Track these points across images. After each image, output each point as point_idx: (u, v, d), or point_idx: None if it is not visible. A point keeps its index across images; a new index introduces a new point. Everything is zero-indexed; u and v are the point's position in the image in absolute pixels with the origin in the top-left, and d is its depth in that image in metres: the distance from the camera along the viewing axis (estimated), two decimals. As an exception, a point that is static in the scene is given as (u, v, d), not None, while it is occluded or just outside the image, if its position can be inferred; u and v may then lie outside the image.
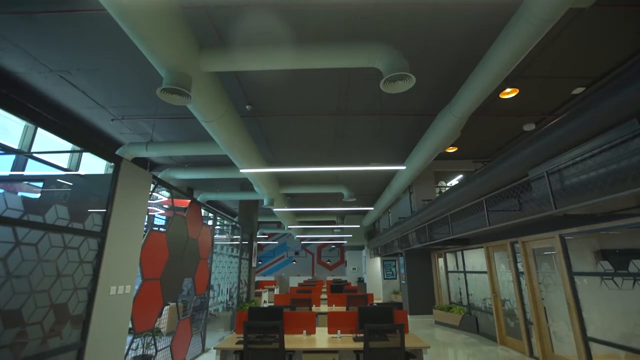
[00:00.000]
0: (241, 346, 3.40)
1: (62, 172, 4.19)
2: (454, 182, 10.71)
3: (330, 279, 17.89)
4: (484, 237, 6.90)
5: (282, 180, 9.92)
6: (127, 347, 3.84)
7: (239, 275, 9.04)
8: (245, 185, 10.37)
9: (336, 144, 7.84)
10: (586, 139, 2.80)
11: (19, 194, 4.73)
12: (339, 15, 3.92)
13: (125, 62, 4.82)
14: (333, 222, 17.13)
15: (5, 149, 5.18)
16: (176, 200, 7.79)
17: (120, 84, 5.41)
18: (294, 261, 19.84)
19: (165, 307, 6.31)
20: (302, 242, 19.97)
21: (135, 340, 4.44)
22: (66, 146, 6.22)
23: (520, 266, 5.97)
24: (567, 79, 5.48)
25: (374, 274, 16.48)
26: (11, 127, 5.63)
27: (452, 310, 8.31)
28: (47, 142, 6.14)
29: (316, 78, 5.29)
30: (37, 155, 5.61)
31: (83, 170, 6.78)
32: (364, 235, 16.77)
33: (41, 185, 4.12)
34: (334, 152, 8.33)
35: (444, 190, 10.17)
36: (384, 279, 15.41)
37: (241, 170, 5.52)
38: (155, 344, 4.46)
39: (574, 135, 2.89)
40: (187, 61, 3.36)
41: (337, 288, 8.85)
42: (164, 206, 8.33)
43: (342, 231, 16.39)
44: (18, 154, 5.16)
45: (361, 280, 17.84)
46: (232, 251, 8.80)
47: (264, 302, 12.44)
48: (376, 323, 3.90)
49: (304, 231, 16.77)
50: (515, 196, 4.29)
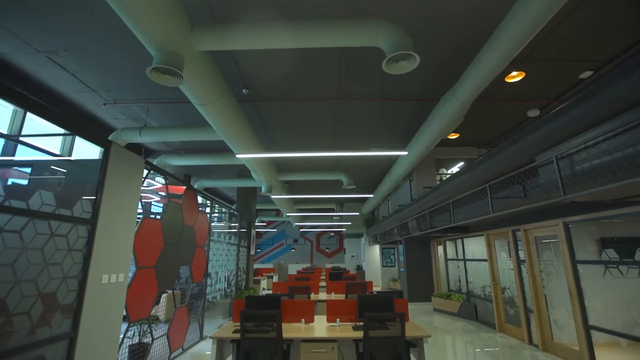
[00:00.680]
0: (238, 335, 3.32)
1: (50, 158, 4.03)
2: (455, 169, 10.59)
3: (329, 266, 17.94)
4: (485, 225, 6.81)
5: (281, 167, 9.78)
6: (122, 335, 3.77)
7: (237, 262, 8.99)
8: (243, 172, 10.22)
9: (335, 130, 7.66)
10: (600, 121, 2.65)
11: (10, 180, 4.59)
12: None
13: (115, 43, 4.60)
14: (332, 210, 17.07)
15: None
16: (172, 188, 7.64)
17: (111, 67, 5.19)
18: (292, 249, 19.86)
19: (163, 295, 6.28)
20: (300, 230, 19.96)
21: (131, 328, 4.40)
22: (56, 131, 6.03)
23: (521, 254, 5.90)
24: (575, 61, 5.28)
25: (372, 261, 16.52)
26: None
27: (451, 298, 8.30)
28: (37, 127, 5.95)
29: (315, 61, 5.09)
30: (26, 141, 5.43)
31: (77, 156, 6.61)
32: (363, 223, 16.74)
33: (29, 171, 3.96)
34: (333, 138, 8.16)
35: (444, 178, 10.05)
36: (383, 266, 15.45)
37: (237, 156, 5.36)
38: (151, 332, 4.40)
39: (587, 117, 2.74)
40: (177, 39, 3.17)
41: (336, 276, 8.81)
42: (160, 193, 8.19)
43: (341, 219, 16.34)
44: (2, 137, 4.98)
45: (360, 268, 17.91)
46: (230, 239, 8.72)
47: (263, 289, 12.47)
48: (376, 311, 3.82)
49: (303, 219, 16.71)
50: (520, 183, 4.17)
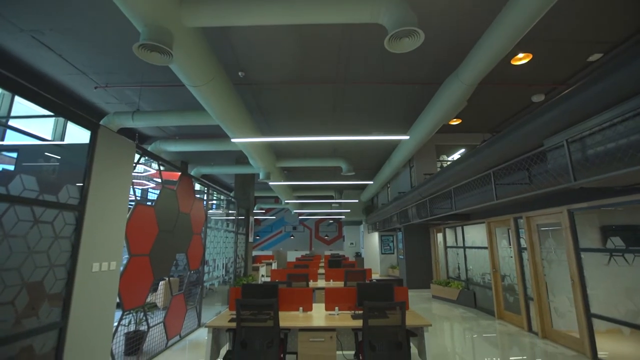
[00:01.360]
0: (234, 324, 3.23)
1: (37, 142, 3.86)
2: (456, 156, 10.43)
3: (328, 253, 17.97)
4: (486, 213, 6.71)
5: (279, 153, 9.61)
6: (116, 324, 3.69)
7: (236, 250, 8.92)
8: (240, 158, 10.05)
9: (335, 115, 7.46)
10: (618, 101, 2.49)
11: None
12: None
13: (103, 22, 4.37)
14: (331, 197, 16.97)
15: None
16: (168, 174, 7.47)
17: (101, 48, 4.97)
18: (291, 236, 19.88)
19: (161, 282, 6.21)
20: (299, 217, 19.93)
21: (127, 316, 4.32)
22: (43, 115, 5.83)
23: (522, 242, 5.82)
24: (584, 43, 5.07)
25: (371, 248, 16.53)
26: (-16, 94, 5.22)
27: (450, 285, 8.28)
28: (26, 111, 5.74)
29: (314, 43, 4.87)
30: (15, 126, 5.25)
31: (69, 141, 6.42)
32: (362, 211, 16.67)
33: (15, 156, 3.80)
34: (332, 124, 7.96)
35: (445, 165, 9.91)
36: (382, 253, 15.46)
37: (233, 140, 5.18)
38: (147, 320, 4.33)
39: (603, 97, 2.57)
40: (165, 13, 2.96)
41: (335, 263, 8.76)
42: (155, 179, 8.03)
43: (340, 206, 16.27)
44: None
45: (359, 255, 17.95)
46: (228, 226, 8.63)
47: (262, 276, 12.48)
48: (376, 300, 3.74)
49: (302, 206, 16.64)
50: (525, 169, 4.03)
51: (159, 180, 4.83)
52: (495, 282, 6.68)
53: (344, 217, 17.45)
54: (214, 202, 13.63)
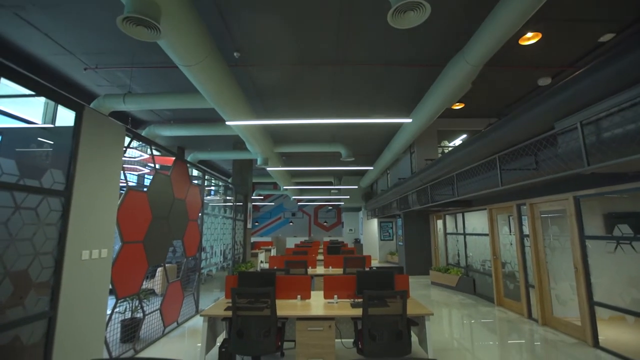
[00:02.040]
0: (230, 313, 3.14)
1: (22, 125, 3.68)
2: (458, 141, 10.25)
3: (327, 239, 17.99)
4: (489, 199, 6.59)
5: (277, 138, 9.40)
6: (110, 311, 3.60)
7: (234, 236, 8.84)
8: (238, 144, 9.85)
9: (334, 98, 7.23)
10: (637, 81, 2.32)
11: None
12: None
13: (88, -4, 4.11)
14: (330, 184, 16.85)
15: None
16: (163, 159, 7.29)
17: (88, 26, 4.70)
18: (290, 222, 19.86)
19: (159, 269, 6.13)
20: (298, 204, 19.85)
21: (122, 304, 4.24)
22: (39, 98, 5.61)
23: (525, 229, 5.72)
24: (596, 22, 4.82)
25: (370, 235, 16.53)
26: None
27: (450, 272, 8.25)
28: (7, 92, 5.51)
29: (313, 21, 4.61)
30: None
31: (56, 125, 6.21)
32: (362, 197, 16.58)
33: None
34: (332, 108, 7.74)
35: (446, 151, 9.74)
36: (381, 240, 15.47)
37: (228, 123, 5.00)
38: (142, 308, 4.25)
39: (622, 77, 2.40)
40: (152, -17, 2.74)
41: (334, 249, 8.70)
42: (150, 165, 7.86)
43: (340, 192, 16.15)
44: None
45: (358, 242, 17.97)
46: (226, 212, 8.52)
47: (261, 262, 12.48)
48: (376, 288, 3.65)
49: (301, 192, 16.53)
50: (532, 154, 3.87)
51: (158, 166, 4.67)
52: (495, 269, 6.62)
53: (343, 203, 17.38)
54: (212, 188, 13.51)
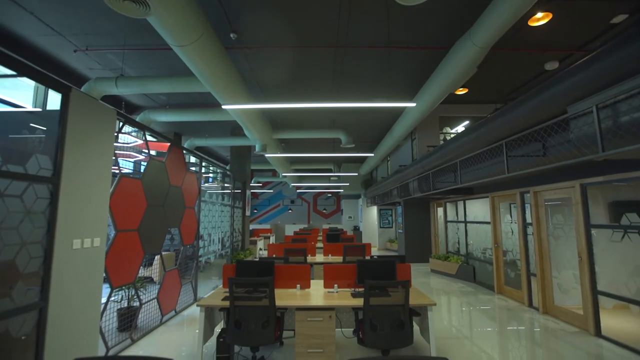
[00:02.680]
0: (227, 303, 3.06)
1: (5, 109, 3.50)
2: (460, 128, 10.07)
3: (326, 227, 17.98)
4: (491, 187, 6.47)
5: (275, 124, 9.21)
6: (105, 301, 3.52)
7: (232, 224, 8.76)
8: (236, 130, 9.65)
9: (334, 83, 7.02)
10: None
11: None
12: None
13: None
14: (329, 171, 16.71)
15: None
16: (158, 145, 7.11)
17: (76, 4, 4.47)
18: (289, 210, 19.80)
19: (157, 257, 6.05)
20: (297, 191, 19.76)
21: (118, 293, 4.16)
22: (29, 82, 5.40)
23: (528, 217, 5.63)
24: (609, 1, 4.61)
25: (370, 222, 16.51)
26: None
27: (449, 260, 8.21)
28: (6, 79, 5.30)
29: (312, 1, 4.38)
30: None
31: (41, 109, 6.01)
32: (361, 184, 16.49)
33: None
34: (332, 92, 7.53)
35: (448, 137, 9.57)
36: (380, 227, 15.45)
37: (224, 107, 4.82)
38: (138, 297, 4.17)
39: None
40: (139, -47, 2.53)
41: (333, 237, 8.63)
42: (145, 151, 7.71)
43: (339, 179, 16.04)
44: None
45: (357, 229, 17.97)
46: (224, 199, 8.41)
47: (260, 249, 12.46)
48: (377, 277, 3.57)
49: (300, 179, 16.40)
50: (540, 140, 3.73)
51: (155, 153, 4.52)
52: (496, 257, 6.57)
53: (342, 190, 17.29)
54: (210, 175, 13.36)
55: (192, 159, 9.78)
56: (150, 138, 6.88)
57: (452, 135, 9.26)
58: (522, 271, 5.68)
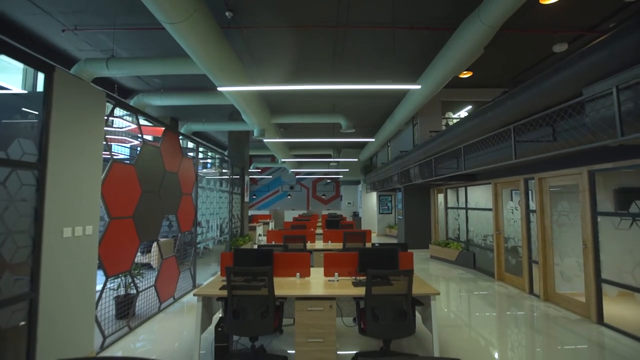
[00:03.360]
0: (225, 292, 2.97)
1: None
2: (463, 113, 9.86)
3: (325, 213, 17.95)
4: (494, 173, 6.35)
5: (274, 108, 8.98)
6: (101, 289, 3.44)
7: (231, 210, 8.66)
8: (234, 114, 9.43)
9: (335, 65, 6.78)
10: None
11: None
12: None
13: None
14: (329, 156, 16.54)
15: None
16: (153, 130, 6.92)
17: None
18: (289, 195, 19.73)
19: (155, 243, 5.97)
20: (296, 177, 19.64)
21: (115, 280, 4.09)
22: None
23: (531, 204, 5.53)
24: (626, -22, 4.37)
25: (369, 208, 16.46)
26: None
27: (449, 246, 8.18)
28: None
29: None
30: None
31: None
32: (361, 170, 16.36)
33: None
34: (332, 75, 7.28)
35: (451, 123, 9.38)
36: (380, 213, 15.41)
37: (219, 89, 4.62)
38: (135, 285, 4.10)
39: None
40: None
41: (333, 223, 8.56)
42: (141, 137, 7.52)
43: (338, 165, 15.88)
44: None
45: (356, 215, 17.95)
46: (222, 185, 8.28)
47: (259, 235, 12.43)
48: (379, 266, 3.48)
49: (299, 165, 16.25)
50: (550, 124, 3.58)
51: (151, 138, 4.36)
52: (497, 244, 6.51)
53: (341, 176, 17.17)
54: (209, 161, 13.19)
55: (190, 145, 9.60)
56: (145, 123, 6.70)
57: (455, 121, 9.08)
58: (524, 258, 5.63)
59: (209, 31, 3.88)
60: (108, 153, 3.58)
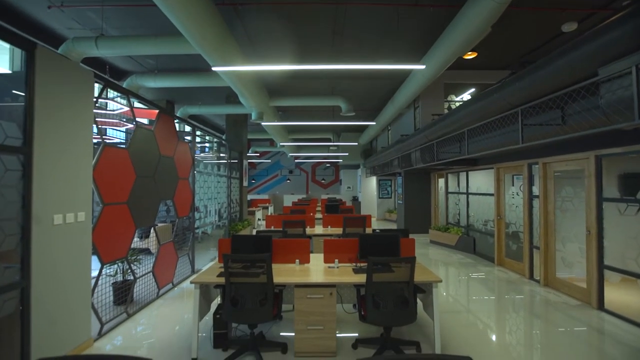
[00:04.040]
0: (222, 279, 2.91)
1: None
2: (466, 96, 9.64)
3: (324, 197, 17.89)
4: (497, 158, 6.22)
5: (272, 91, 8.74)
6: (97, 276, 3.37)
7: (229, 194, 8.57)
8: (231, 97, 9.18)
9: (335, 46, 6.52)
10: None
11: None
12: None
13: None
14: (328, 140, 16.34)
15: None
16: (150, 113, 6.71)
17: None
18: (288, 180, 19.61)
19: (152, 229, 5.90)
20: (296, 161, 19.47)
21: (110, 267, 4.03)
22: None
23: (534, 189, 5.44)
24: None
25: (369, 192, 16.41)
26: None
27: (449, 231, 8.15)
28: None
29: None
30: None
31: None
32: (361, 154, 16.20)
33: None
34: (332, 55, 7.02)
35: (453, 106, 9.17)
36: (379, 197, 15.37)
37: (214, 69, 4.43)
38: (132, 271, 4.04)
39: None
40: None
41: (333, 208, 8.50)
42: (137, 119, 7.33)
43: (338, 149, 15.70)
44: None
45: (356, 199, 17.92)
46: (220, 170, 8.15)
47: (258, 219, 12.40)
48: (380, 253, 3.41)
49: (298, 149, 16.06)
50: (559, 107, 3.43)
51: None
52: (498, 229, 6.46)
53: (341, 160, 17.02)
54: (206, 144, 12.99)
55: (187, 128, 9.39)
56: (140, 105, 6.49)
57: (458, 104, 8.86)
58: (525, 244, 5.59)
59: (201, 6, 3.66)
60: (99, 136, 3.44)
